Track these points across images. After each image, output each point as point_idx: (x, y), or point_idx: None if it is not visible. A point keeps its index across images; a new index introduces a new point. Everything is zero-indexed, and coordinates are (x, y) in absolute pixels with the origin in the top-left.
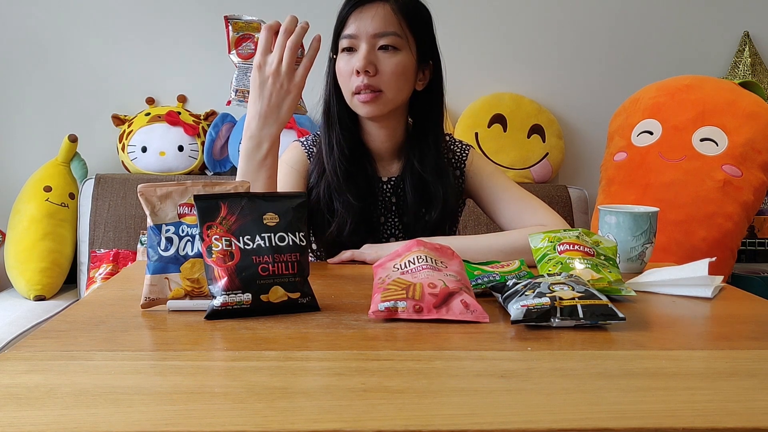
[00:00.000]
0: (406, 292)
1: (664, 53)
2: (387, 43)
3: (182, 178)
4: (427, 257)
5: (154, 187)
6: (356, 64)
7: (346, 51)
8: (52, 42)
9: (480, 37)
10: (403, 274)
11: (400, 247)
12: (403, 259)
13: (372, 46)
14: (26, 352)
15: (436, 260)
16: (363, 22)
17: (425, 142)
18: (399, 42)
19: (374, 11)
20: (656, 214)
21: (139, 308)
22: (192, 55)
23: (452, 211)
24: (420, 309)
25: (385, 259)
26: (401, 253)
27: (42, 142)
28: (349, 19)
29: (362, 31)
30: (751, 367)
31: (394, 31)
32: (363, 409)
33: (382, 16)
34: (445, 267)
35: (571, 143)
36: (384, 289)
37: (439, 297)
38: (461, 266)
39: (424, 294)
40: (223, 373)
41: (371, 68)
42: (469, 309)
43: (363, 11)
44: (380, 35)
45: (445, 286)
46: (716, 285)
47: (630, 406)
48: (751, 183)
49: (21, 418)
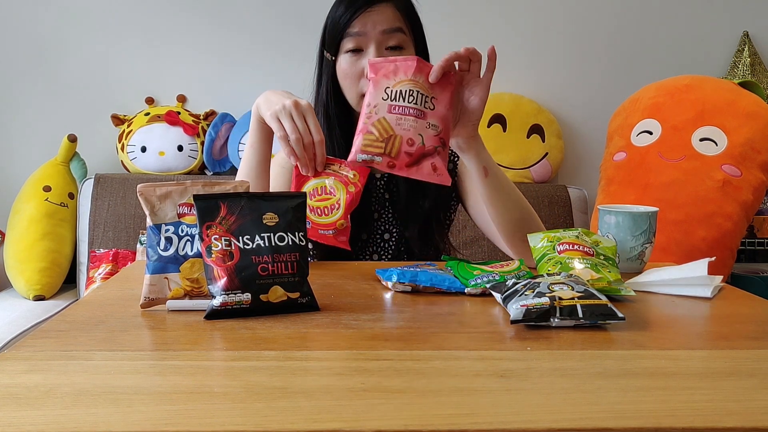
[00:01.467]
0: (384, 147)
1: (664, 53)
2: (395, 41)
3: (182, 177)
4: (418, 94)
5: (153, 187)
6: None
7: (351, 52)
8: (52, 42)
9: (480, 36)
10: (390, 112)
11: (400, 57)
12: (397, 84)
13: (381, 45)
14: (26, 352)
15: (427, 98)
16: (370, 20)
17: None
18: (405, 40)
19: (381, 9)
20: (656, 213)
21: (139, 308)
22: (192, 55)
23: (445, 199)
24: (393, 166)
25: (382, 65)
26: (397, 71)
27: (41, 142)
28: (353, 19)
29: (370, 28)
30: (750, 366)
31: (400, 26)
32: (362, 409)
33: (389, 14)
34: (432, 108)
35: (570, 143)
36: (367, 130)
37: (413, 156)
38: (449, 104)
39: (400, 152)
40: (222, 373)
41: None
42: (437, 172)
43: (369, 11)
44: (388, 32)
45: (421, 145)
46: (716, 285)
47: (629, 406)
48: (750, 183)
49: (20, 418)
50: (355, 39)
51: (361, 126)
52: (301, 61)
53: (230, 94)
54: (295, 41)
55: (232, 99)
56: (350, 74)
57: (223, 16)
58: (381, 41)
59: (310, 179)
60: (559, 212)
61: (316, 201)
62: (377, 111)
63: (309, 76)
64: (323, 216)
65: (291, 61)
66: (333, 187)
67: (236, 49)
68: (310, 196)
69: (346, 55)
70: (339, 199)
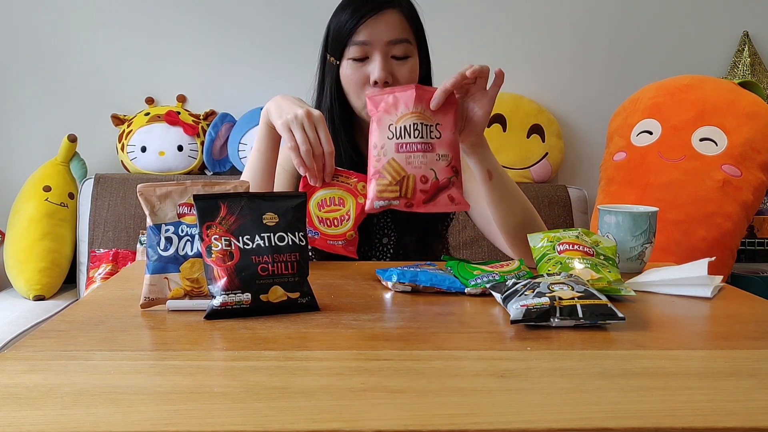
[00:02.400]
0: (399, 190)
1: (664, 53)
2: (400, 51)
3: (182, 177)
4: (422, 126)
5: (153, 187)
6: (375, 75)
7: (354, 61)
8: (52, 41)
9: (480, 37)
10: (398, 151)
11: (398, 88)
12: (399, 120)
13: (386, 55)
14: (26, 352)
15: (431, 126)
16: (377, 29)
17: None
18: (410, 49)
19: (388, 18)
20: (656, 213)
21: (139, 308)
22: (192, 55)
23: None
24: (411, 205)
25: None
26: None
27: (41, 142)
28: (359, 26)
29: (376, 38)
30: (750, 366)
31: (406, 37)
32: (362, 409)
33: (396, 23)
34: (439, 136)
35: (570, 143)
36: (380, 174)
37: (429, 192)
38: (454, 126)
39: (415, 191)
40: (222, 373)
41: (389, 78)
42: (454, 202)
43: (377, 18)
44: (394, 42)
45: (435, 180)
46: (716, 285)
47: (629, 406)
48: (750, 183)
49: (20, 418)
50: (360, 48)
51: (372, 171)
52: (301, 62)
53: (230, 94)
54: (296, 41)
55: (232, 99)
56: (354, 81)
57: (223, 17)
58: (387, 51)
59: (318, 190)
60: (559, 212)
61: (326, 212)
62: (385, 153)
63: (309, 76)
64: (332, 227)
65: (291, 62)
66: (342, 198)
67: (236, 49)
68: (319, 206)
69: (351, 61)
70: (348, 210)
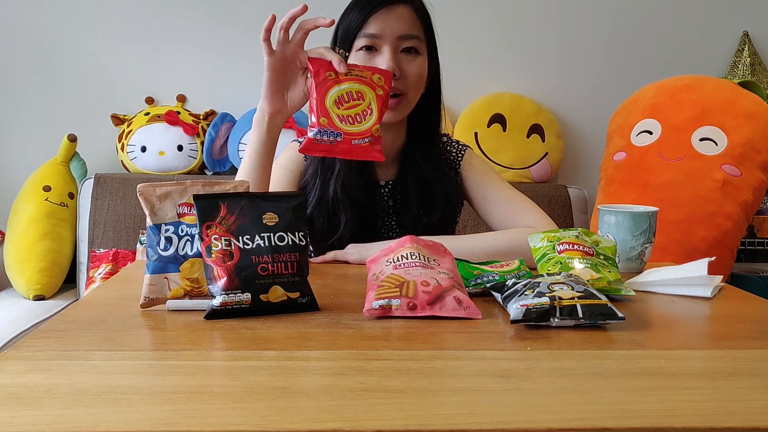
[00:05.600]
0: (399, 290)
1: (664, 53)
2: (410, 45)
3: (182, 177)
4: (420, 255)
5: (153, 187)
6: (384, 66)
7: (364, 50)
8: (52, 42)
9: (480, 36)
10: (396, 269)
11: (393, 243)
12: (396, 254)
13: (396, 49)
14: (25, 352)
15: (429, 258)
16: (388, 22)
17: (427, 144)
18: (420, 45)
19: (399, 12)
20: (656, 213)
21: (139, 308)
22: (191, 55)
23: (453, 211)
24: (414, 306)
25: (379, 254)
26: (394, 249)
27: (41, 142)
28: (370, 17)
29: (387, 32)
30: (750, 366)
31: (417, 34)
32: (362, 409)
33: (407, 18)
34: (438, 265)
35: (570, 143)
36: (378, 285)
37: (432, 294)
38: (453, 264)
39: (417, 292)
40: (222, 373)
41: (398, 72)
42: (462, 305)
43: (388, 11)
44: (405, 37)
45: (438, 284)
46: (715, 285)
47: (629, 406)
48: (750, 183)
49: (20, 418)
50: (370, 38)
51: (369, 287)
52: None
53: (230, 94)
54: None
55: (232, 99)
56: None
57: (223, 16)
58: (397, 45)
59: (333, 86)
60: (559, 212)
61: (345, 109)
62: (382, 274)
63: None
64: (356, 123)
65: None
66: (360, 92)
67: (236, 49)
68: (337, 104)
69: (360, 53)
70: (370, 103)
